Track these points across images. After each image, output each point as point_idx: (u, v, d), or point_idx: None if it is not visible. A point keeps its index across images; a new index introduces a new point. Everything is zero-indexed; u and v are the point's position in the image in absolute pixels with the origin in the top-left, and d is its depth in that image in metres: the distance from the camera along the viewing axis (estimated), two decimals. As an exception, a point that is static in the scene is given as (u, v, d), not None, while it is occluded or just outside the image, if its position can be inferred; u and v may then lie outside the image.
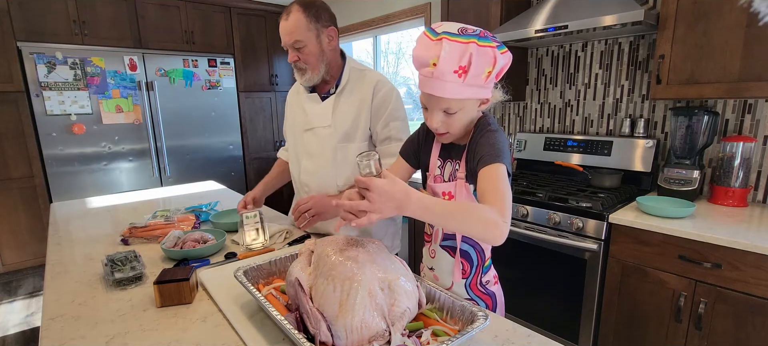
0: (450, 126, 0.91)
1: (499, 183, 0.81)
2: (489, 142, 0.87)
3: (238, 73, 4.03)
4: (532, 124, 2.57)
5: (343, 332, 0.69)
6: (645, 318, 1.61)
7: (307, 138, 1.40)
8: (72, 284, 1.06)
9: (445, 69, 0.80)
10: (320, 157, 1.37)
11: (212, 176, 3.94)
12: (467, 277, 1.00)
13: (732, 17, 1.50)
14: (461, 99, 0.85)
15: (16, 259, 3.20)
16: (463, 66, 0.80)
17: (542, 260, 1.89)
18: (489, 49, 0.80)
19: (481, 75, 0.82)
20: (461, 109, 0.88)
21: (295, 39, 1.24)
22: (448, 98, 0.85)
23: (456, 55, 0.79)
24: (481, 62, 0.80)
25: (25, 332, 2.47)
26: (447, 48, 0.79)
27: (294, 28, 1.24)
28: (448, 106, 0.87)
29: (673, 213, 1.56)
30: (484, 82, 0.84)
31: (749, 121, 1.75)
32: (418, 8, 3.18)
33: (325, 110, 1.36)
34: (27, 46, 2.96)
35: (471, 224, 0.76)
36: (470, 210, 0.77)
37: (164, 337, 0.82)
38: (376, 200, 0.73)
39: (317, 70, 1.31)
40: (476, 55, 0.79)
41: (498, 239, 0.76)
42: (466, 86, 0.83)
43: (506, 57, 0.84)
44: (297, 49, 1.27)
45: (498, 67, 0.83)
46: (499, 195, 0.79)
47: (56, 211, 1.83)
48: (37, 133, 3.09)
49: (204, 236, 1.29)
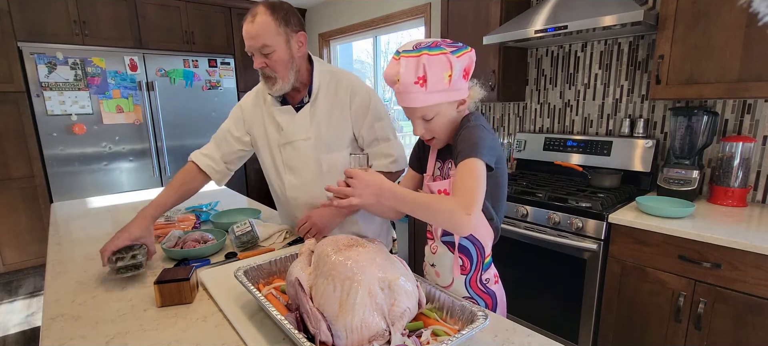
0: (433, 131, 0.97)
1: (466, 178, 0.84)
2: (464, 138, 0.90)
3: (238, 73, 4.03)
4: (531, 124, 2.57)
5: (343, 332, 0.69)
6: (645, 318, 1.61)
7: (287, 153, 1.33)
8: (72, 284, 1.07)
9: (407, 82, 0.88)
10: (305, 170, 1.32)
11: (212, 176, 3.94)
12: (467, 273, 1.01)
13: (731, 17, 1.50)
14: (432, 105, 0.91)
15: (17, 259, 3.21)
16: (420, 76, 0.87)
17: (542, 260, 1.89)
18: (441, 56, 0.86)
19: (442, 80, 0.87)
20: (437, 114, 0.93)
21: (263, 43, 1.15)
22: (419, 107, 0.91)
23: (412, 69, 0.87)
24: (436, 70, 0.86)
25: (25, 332, 2.47)
26: (403, 64, 0.88)
27: (261, 31, 1.14)
28: (423, 113, 0.93)
29: (672, 213, 1.56)
30: (448, 86, 0.88)
31: (749, 122, 1.75)
32: (418, 8, 3.18)
33: (302, 122, 1.29)
34: (27, 46, 2.96)
35: (434, 214, 0.85)
36: (433, 201, 0.85)
37: (164, 337, 0.82)
38: (357, 186, 0.88)
39: (287, 78, 1.22)
40: (429, 65, 0.86)
41: (461, 228, 0.82)
42: (432, 93, 0.89)
43: (464, 59, 0.89)
44: (264, 55, 1.17)
45: (457, 69, 0.87)
46: (464, 189, 0.83)
47: (57, 211, 1.83)
48: (38, 134, 3.10)
49: (204, 235, 1.29)
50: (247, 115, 1.40)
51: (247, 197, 2.19)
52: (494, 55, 2.30)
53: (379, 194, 0.88)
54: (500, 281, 1.07)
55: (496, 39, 2.10)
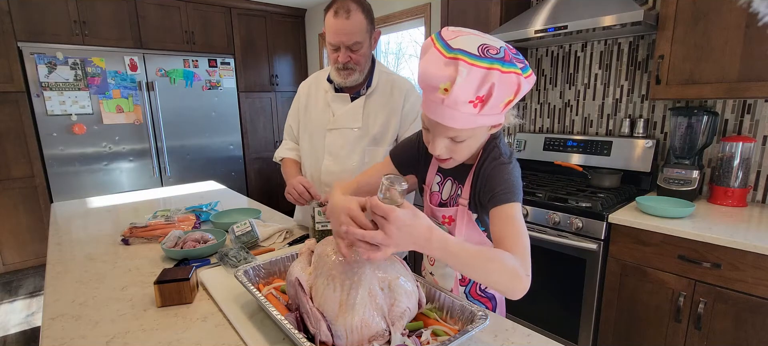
0: (455, 153, 0.80)
1: (516, 226, 0.73)
2: (503, 178, 0.78)
3: (238, 73, 4.03)
4: (531, 124, 2.57)
5: (343, 332, 0.69)
6: (644, 318, 1.61)
7: (332, 137, 1.38)
8: (73, 284, 1.07)
9: (460, 98, 0.67)
10: (346, 158, 1.36)
11: (212, 176, 3.95)
12: (467, 284, 1.00)
13: (731, 17, 1.50)
14: (473, 128, 0.74)
15: (17, 259, 3.21)
16: (481, 96, 0.67)
17: (542, 260, 1.89)
18: (513, 76, 0.67)
19: (500, 105, 0.71)
20: (471, 137, 0.77)
21: (356, 40, 1.21)
22: (457, 127, 0.73)
23: (475, 84, 0.66)
24: (502, 92, 0.68)
25: (25, 332, 2.47)
26: (464, 73, 0.65)
27: (356, 29, 1.20)
28: (456, 134, 0.75)
29: (672, 213, 1.56)
30: (501, 111, 0.73)
31: (748, 122, 1.75)
32: (418, 8, 3.18)
33: (355, 111, 1.34)
34: (27, 46, 2.96)
35: (495, 275, 0.68)
36: (495, 260, 0.68)
37: (164, 337, 0.82)
38: (395, 234, 0.64)
39: (364, 71, 1.31)
40: (498, 85, 0.66)
41: (519, 294, 0.69)
42: (481, 116, 0.71)
43: (530, 82, 0.72)
44: (352, 51, 1.24)
45: (521, 95, 0.71)
46: (519, 243, 0.71)
47: (57, 211, 1.83)
48: (38, 134, 3.10)
49: (204, 235, 1.29)
50: (304, 97, 1.48)
51: (247, 197, 2.19)
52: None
53: (425, 245, 0.66)
54: None
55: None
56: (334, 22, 1.20)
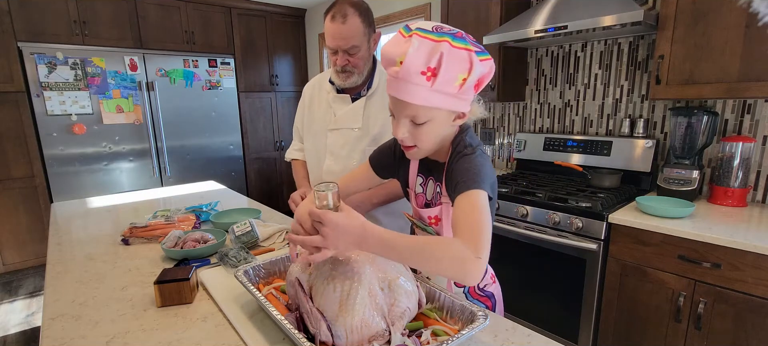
0: (418, 139, 0.80)
1: (473, 214, 0.71)
2: (464, 167, 0.78)
3: (238, 73, 4.03)
4: (531, 124, 2.57)
5: (343, 332, 0.69)
6: (644, 318, 1.61)
7: (333, 138, 1.39)
8: (73, 284, 1.07)
9: (412, 68, 0.71)
10: (347, 158, 1.37)
11: (212, 176, 3.95)
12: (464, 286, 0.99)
13: (731, 17, 1.50)
14: (429, 107, 0.75)
15: (17, 259, 3.21)
16: (431, 67, 0.71)
17: (542, 260, 1.89)
18: (464, 52, 0.71)
19: (454, 81, 0.72)
20: (430, 121, 0.77)
21: (352, 44, 1.21)
22: (414, 104, 0.75)
23: (424, 54, 0.70)
24: (453, 65, 0.71)
25: (25, 332, 2.47)
26: (416, 44, 0.70)
27: (352, 33, 1.20)
28: (414, 114, 0.77)
29: (672, 213, 1.56)
30: (457, 91, 0.74)
31: (748, 122, 1.75)
32: (418, 8, 3.18)
33: (355, 112, 1.35)
34: (27, 46, 2.96)
35: (439, 263, 0.67)
36: (437, 246, 0.68)
37: (164, 337, 0.82)
38: (330, 236, 0.68)
39: (363, 73, 1.31)
40: (447, 56, 0.70)
41: (470, 278, 0.67)
42: (436, 93, 0.73)
43: (486, 65, 0.74)
44: (350, 54, 1.24)
45: (475, 74, 0.72)
46: (472, 228, 0.69)
47: (57, 211, 1.83)
48: (38, 134, 3.10)
49: (204, 235, 1.29)
50: (307, 99, 1.50)
51: (247, 197, 2.19)
52: (494, 55, 2.30)
53: (361, 242, 0.69)
54: (497, 279, 1.07)
55: (496, 39, 2.10)
56: (331, 27, 1.21)
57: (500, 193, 2.02)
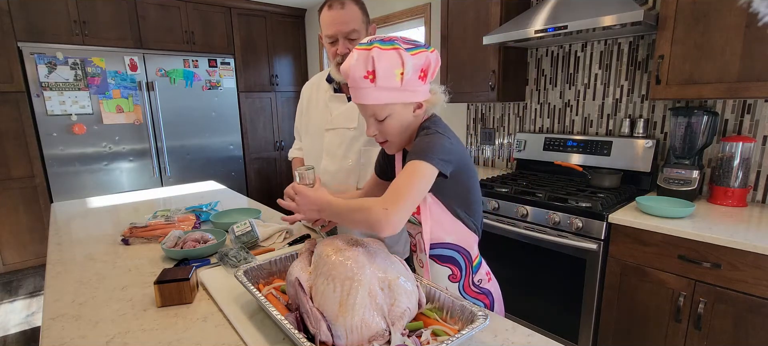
0: (386, 133, 0.92)
1: (401, 177, 0.81)
2: (417, 144, 0.87)
3: (238, 73, 4.03)
4: (531, 124, 2.57)
5: (343, 332, 0.69)
6: (644, 318, 1.61)
7: (329, 137, 1.39)
8: (73, 284, 1.07)
9: (356, 76, 0.84)
10: (343, 158, 1.37)
11: (212, 176, 3.95)
12: (458, 280, 1.00)
13: (731, 17, 1.50)
14: (383, 104, 0.86)
15: (17, 259, 3.21)
16: (369, 70, 0.83)
17: (542, 260, 1.89)
18: (391, 51, 0.82)
19: (393, 77, 0.83)
20: (390, 116, 0.89)
21: (352, 28, 1.21)
22: (370, 105, 0.87)
23: (362, 62, 0.83)
24: (385, 65, 0.82)
25: (25, 332, 2.47)
26: (355, 56, 0.84)
27: (351, 18, 1.21)
28: (374, 112, 0.89)
29: (672, 213, 1.56)
30: (401, 85, 0.84)
31: (748, 122, 1.75)
32: (418, 8, 3.18)
33: (351, 111, 1.34)
34: (27, 46, 2.96)
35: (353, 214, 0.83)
36: (356, 203, 0.83)
37: (164, 337, 0.82)
38: (300, 203, 0.92)
39: None
40: (378, 59, 0.81)
41: (379, 228, 0.77)
42: (382, 90, 0.84)
43: (420, 57, 0.84)
44: (350, 40, 1.23)
45: (409, 67, 0.83)
46: (393, 187, 0.81)
47: (57, 211, 1.83)
48: (38, 134, 3.10)
49: (204, 235, 1.29)
50: (306, 99, 1.51)
51: (247, 197, 2.19)
52: (494, 55, 2.30)
53: (321, 210, 0.90)
54: (494, 277, 1.07)
55: (496, 39, 2.10)
56: (329, 14, 1.22)
57: (500, 193, 2.02)
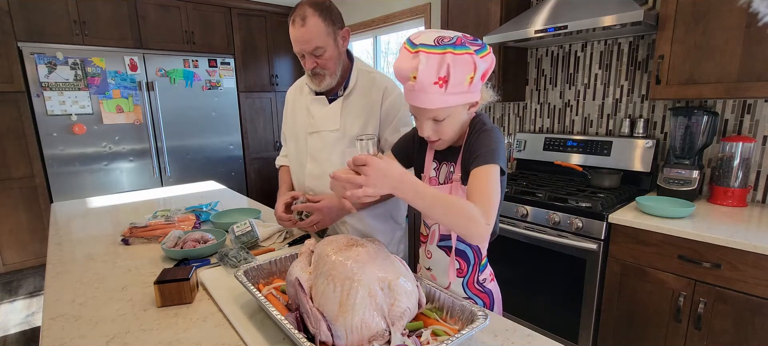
0: (441, 133, 0.91)
1: (487, 184, 0.82)
2: (484, 143, 0.88)
3: (238, 73, 4.03)
4: (531, 124, 2.57)
5: (343, 332, 0.69)
6: (644, 318, 1.61)
7: (312, 141, 1.37)
8: (72, 284, 1.07)
9: (425, 81, 0.80)
10: (326, 161, 1.35)
11: (212, 176, 3.95)
12: (464, 276, 1.01)
13: (731, 17, 1.50)
14: (447, 107, 0.85)
15: (17, 259, 3.21)
16: (442, 76, 0.80)
17: (542, 260, 1.89)
18: (467, 56, 0.80)
19: (463, 82, 0.82)
20: (449, 116, 0.88)
21: (315, 46, 1.18)
22: (434, 108, 0.85)
23: (434, 67, 0.79)
24: (460, 70, 0.80)
25: (25, 332, 2.47)
26: (424, 61, 0.79)
27: (313, 35, 1.16)
28: (435, 115, 0.87)
29: (672, 213, 1.56)
30: (468, 88, 0.84)
31: (748, 122, 1.75)
32: (418, 8, 3.18)
33: (333, 113, 1.32)
34: (27, 46, 2.96)
35: (454, 217, 0.78)
36: (455, 203, 0.78)
37: (164, 337, 0.82)
38: (372, 175, 0.74)
39: (335, 74, 1.27)
40: (454, 65, 0.79)
41: (477, 238, 0.78)
42: (450, 95, 0.83)
43: (487, 60, 0.83)
44: (316, 56, 1.21)
45: (480, 71, 0.82)
46: (485, 196, 0.80)
47: (57, 211, 1.83)
48: (38, 134, 3.10)
49: (204, 235, 1.29)
50: (289, 104, 1.50)
51: (247, 197, 2.19)
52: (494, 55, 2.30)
53: (398, 186, 0.75)
54: (495, 278, 1.07)
55: (496, 39, 2.10)
56: (292, 31, 1.19)
57: (500, 193, 2.02)
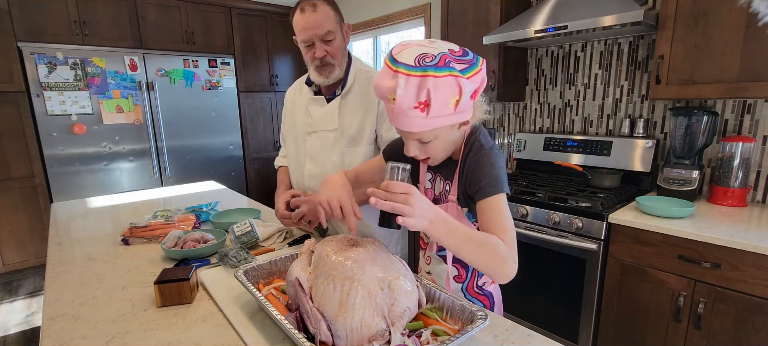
0: (429, 153, 0.86)
1: (505, 220, 0.79)
2: (485, 168, 0.82)
3: (238, 73, 4.03)
4: (531, 124, 2.57)
5: (343, 332, 0.69)
6: (644, 318, 1.61)
7: (311, 141, 1.37)
8: (73, 284, 1.07)
9: (404, 105, 0.73)
10: (326, 161, 1.35)
11: (212, 176, 3.95)
12: (463, 281, 1.00)
13: (731, 18, 1.50)
14: (432, 129, 0.79)
15: (17, 259, 3.21)
16: (422, 101, 0.72)
17: (542, 259, 1.89)
18: (449, 79, 0.71)
19: (447, 105, 0.73)
20: (436, 138, 0.82)
21: (327, 29, 1.18)
22: (417, 131, 0.79)
23: (413, 91, 0.72)
24: (442, 95, 0.72)
25: (25, 332, 2.47)
26: (402, 84, 0.72)
27: (325, 19, 1.18)
28: (419, 136, 0.81)
29: (672, 213, 1.56)
30: (453, 111, 0.75)
31: (748, 122, 1.75)
32: (418, 8, 3.18)
33: (331, 113, 1.32)
34: (27, 46, 2.96)
35: (484, 258, 0.75)
36: (485, 244, 0.75)
37: (164, 337, 0.82)
38: (417, 207, 0.70)
39: (342, 65, 1.27)
40: (434, 89, 0.71)
41: (507, 278, 0.76)
42: (432, 119, 0.75)
43: (476, 80, 0.75)
44: (326, 42, 1.20)
45: (466, 93, 0.74)
46: (507, 232, 0.77)
47: (57, 211, 1.83)
48: (38, 134, 3.10)
49: (204, 235, 1.29)
50: (288, 104, 1.49)
51: (247, 197, 2.19)
52: (494, 55, 2.30)
53: (434, 221, 0.72)
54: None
55: (496, 39, 2.10)
56: (301, 19, 1.18)
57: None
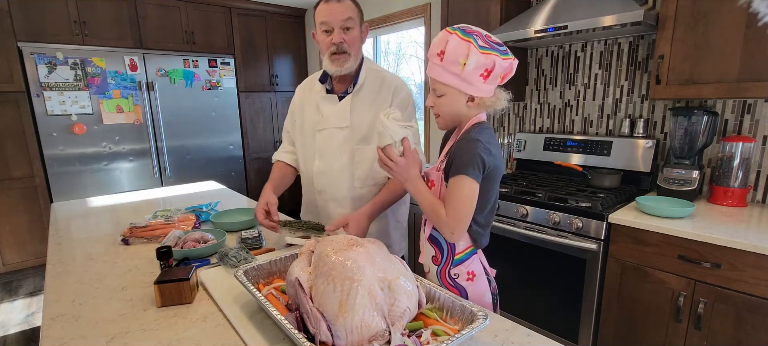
0: (438, 108, 1.02)
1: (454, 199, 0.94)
2: (460, 152, 0.95)
3: (238, 73, 4.03)
4: (531, 124, 2.57)
5: (343, 332, 0.69)
6: (644, 318, 1.61)
7: (321, 138, 1.37)
8: (73, 284, 1.07)
9: (432, 50, 0.96)
10: (335, 158, 1.36)
11: (212, 176, 3.95)
12: (439, 264, 1.06)
13: (731, 17, 1.50)
14: (443, 83, 0.97)
15: (17, 259, 3.21)
16: (441, 50, 0.94)
17: (542, 259, 1.89)
18: (464, 42, 0.91)
19: (456, 63, 0.92)
20: (445, 95, 0.98)
21: (349, 16, 1.24)
22: (433, 78, 0.99)
23: (440, 40, 0.95)
24: (453, 50, 0.92)
25: (25, 332, 2.47)
26: (439, 36, 0.95)
27: (348, 9, 1.24)
28: (435, 86, 1.00)
29: (672, 213, 1.56)
30: (460, 72, 0.93)
31: (748, 122, 1.75)
32: (418, 8, 3.18)
33: (342, 110, 1.34)
34: (27, 46, 2.96)
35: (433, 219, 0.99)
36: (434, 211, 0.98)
37: (164, 337, 0.82)
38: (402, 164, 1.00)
39: (357, 57, 1.31)
40: (451, 43, 0.92)
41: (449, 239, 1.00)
42: (445, 70, 0.95)
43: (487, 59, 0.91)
44: (345, 30, 1.25)
45: (472, 60, 0.90)
46: (452, 210, 0.95)
47: (57, 211, 1.83)
48: (38, 134, 3.10)
49: (204, 235, 1.29)
50: (298, 100, 1.50)
51: (247, 197, 2.19)
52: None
53: (407, 180, 1.01)
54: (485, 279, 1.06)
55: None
56: (326, 7, 1.25)
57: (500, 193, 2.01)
